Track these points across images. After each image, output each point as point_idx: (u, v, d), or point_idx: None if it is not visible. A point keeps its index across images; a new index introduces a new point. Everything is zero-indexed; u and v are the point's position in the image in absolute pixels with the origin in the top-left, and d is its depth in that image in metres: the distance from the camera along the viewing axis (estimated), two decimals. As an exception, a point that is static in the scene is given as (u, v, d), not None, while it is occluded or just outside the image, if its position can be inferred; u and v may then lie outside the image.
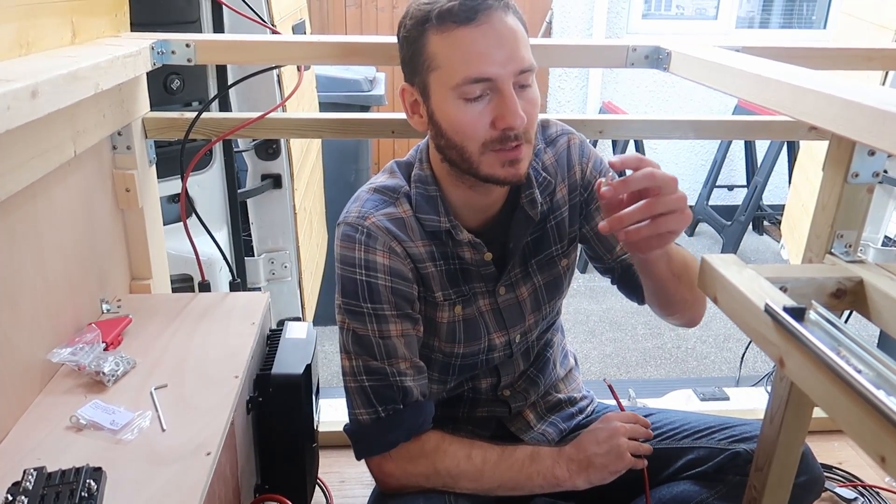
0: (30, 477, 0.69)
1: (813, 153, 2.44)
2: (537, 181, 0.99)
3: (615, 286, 1.09)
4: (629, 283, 1.06)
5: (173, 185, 1.58)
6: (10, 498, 0.66)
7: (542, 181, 1.00)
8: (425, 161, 0.96)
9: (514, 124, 0.84)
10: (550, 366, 1.13)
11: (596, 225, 1.03)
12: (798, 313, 0.60)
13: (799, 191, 2.61)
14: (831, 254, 0.80)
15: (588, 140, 1.06)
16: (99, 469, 0.71)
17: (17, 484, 0.69)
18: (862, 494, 1.37)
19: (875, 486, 1.39)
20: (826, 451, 1.47)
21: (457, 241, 0.96)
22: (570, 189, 1.02)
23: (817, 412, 0.91)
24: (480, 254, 0.97)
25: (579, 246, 1.08)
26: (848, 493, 1.36)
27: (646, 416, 1.05)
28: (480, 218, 0.98)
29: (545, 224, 1.01)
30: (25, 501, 0.66)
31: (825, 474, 1.21)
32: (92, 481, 0.69)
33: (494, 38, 0.83)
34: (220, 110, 1.68)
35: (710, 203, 4.11)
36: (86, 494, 0.67)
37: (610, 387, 1.04)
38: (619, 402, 1.05)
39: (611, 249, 1.04)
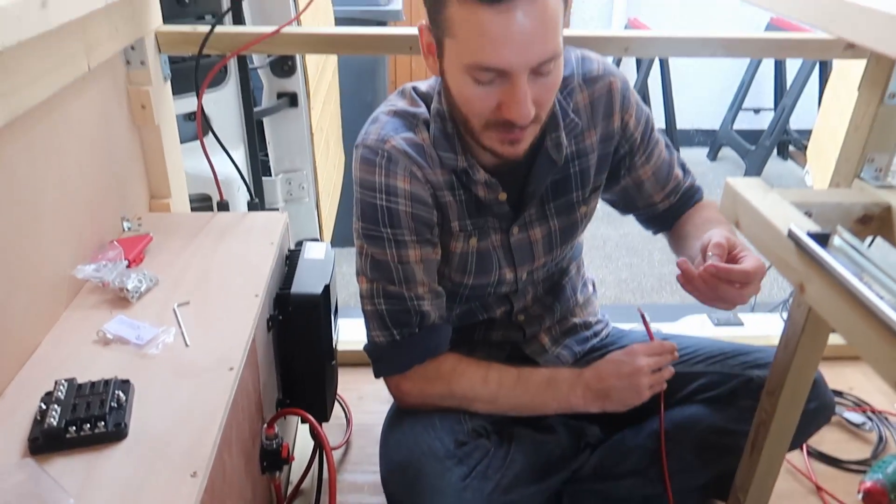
0: (61, 387, 0.72)
1: (846, 74, 2.35)
2: (564, 123, 0.94)
3: (628, 214, 1.10)
4: (652, 221, 1.08)
5: (188, 103, 1.56)
6: (44, 406, 0.69)
7: (570, 123, 0.95)
8: (445, 96, 0.92)
9: (518, 120, 0.81)
10: (567, 293, 1.13)
11: (639, 177, 1.03)
12: (822, 239, 0.59)
13: (828, 115, 2.53)
14: (860, 178, 0.78)
15: (618, 60, 1.03)
16: (127, 381, 0.74)
17: (49, 394, 0.71)
18: (870, 419, 1.39)
19: (884, 412, 1.41)
20: (837, 376, 1.48)
21: (472, 179, 0.94)
22: (603, 137, 0.98)
23: (831, 339, 0.91)
24: (495, 193, 0.95)
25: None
26: (857, 417, 1.39)
27: (660, 341, 1.05)
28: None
29: (568, 168, 0.98)
30: (58, 409, 0.68)
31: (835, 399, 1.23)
32: (120, 392, 0.71)
33: (515, 28, 0.75)
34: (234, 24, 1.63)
35: (735, 127, 4.00)
36: (115, 405, 0.70)
37: (642, 315, 1.01)
38: (649, 332, 1.02)
39: (649, 198, 1.06)
